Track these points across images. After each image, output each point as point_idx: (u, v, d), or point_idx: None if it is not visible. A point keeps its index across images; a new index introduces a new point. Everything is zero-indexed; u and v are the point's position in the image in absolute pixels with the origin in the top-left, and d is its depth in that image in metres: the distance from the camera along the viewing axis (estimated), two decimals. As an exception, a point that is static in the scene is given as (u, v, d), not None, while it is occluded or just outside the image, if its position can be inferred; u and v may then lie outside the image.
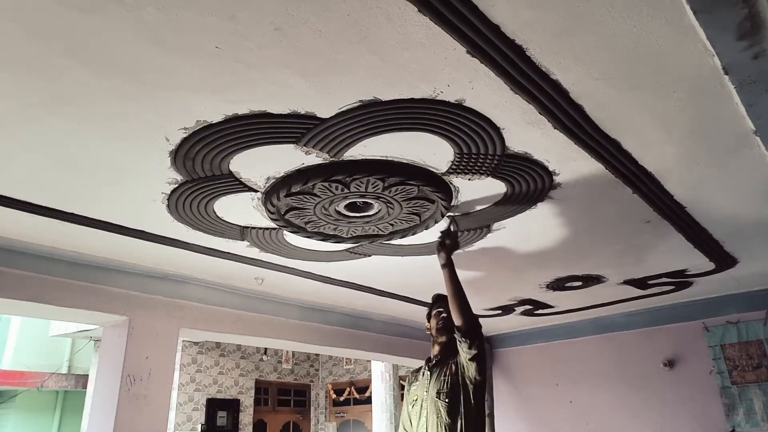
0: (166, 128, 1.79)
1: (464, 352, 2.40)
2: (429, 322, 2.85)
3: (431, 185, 2.19)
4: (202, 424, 8.14)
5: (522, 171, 2.18)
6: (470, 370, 2.44)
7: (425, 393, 2.58)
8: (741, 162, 2.22)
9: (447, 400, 2.47)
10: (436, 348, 2.73)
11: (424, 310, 2.96)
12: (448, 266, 2.51)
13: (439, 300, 2.82)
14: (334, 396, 10.15)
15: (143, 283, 3.27)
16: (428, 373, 2.64)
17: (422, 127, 1.84)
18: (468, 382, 2.46)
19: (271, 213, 2.39)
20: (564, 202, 2.50)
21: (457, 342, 2.42)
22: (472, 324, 2.40)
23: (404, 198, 2.28)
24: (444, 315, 2.71)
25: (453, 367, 2.55)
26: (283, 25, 1.36)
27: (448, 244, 2.55)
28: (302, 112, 1.73)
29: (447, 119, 1.80)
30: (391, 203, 2.33)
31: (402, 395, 8.21)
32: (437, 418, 2.45)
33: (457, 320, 2.42)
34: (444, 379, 2.54)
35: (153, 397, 3.16)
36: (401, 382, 8.43)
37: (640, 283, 4.00)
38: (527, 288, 4.02)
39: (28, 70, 1.48)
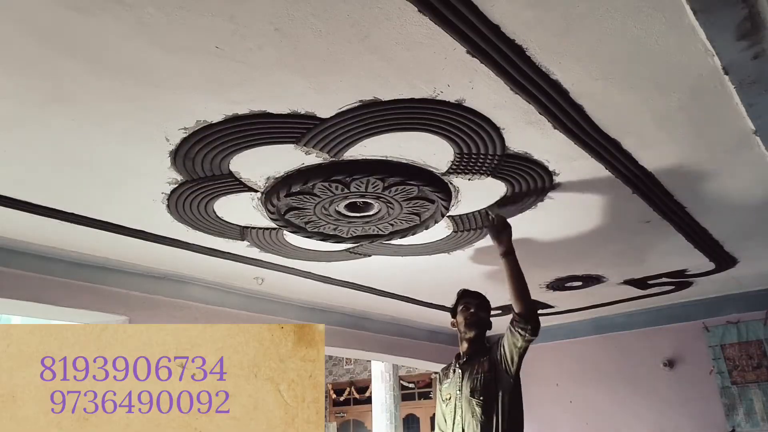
0: (166, 128, 1.79)
1: (522, 339, 2.36)
2: (455, 318, 2.78)
3: (431, 185, 2.19)
4: (202, 424, 8.13)
5: (522, 171, 2.19)
6: (516, 358, 2.42)
7: (458, 392, 2.53)
8: (741, 162, 2.22)
9: (482, 398, 2.43)
10: (465, 345, 2.67)
11: (425, 310, 2.95)
12: (512, 253, 2.46)
13: (465, 296, 2.76)
14: (334, 396, 10.16)
15: (143, 283, 3.27)
16: (459, 371, 2.59)
17: (422, 127, 1.84)
18: (507, 375, 2.44)
19: (271, 213, 2.39)
20: (564, 202, 2.50)
21: (515, 330, 2.37)
22: (535, 309, 2.40)
23: (404, 198, 2.28)
24: (472, 310, 2.66)
25: (486, 364, 2.51)
26: (283, 25, 1.36)
27: (503, 230, 2.49)
28: (302, 112, 1.73)
29: (447, 119, 1.80)
30: (391, 203, 2.33)
31: (402, 395, 8.24)
32: (472, 416, 2.43)
33: (519, 306, 2.37)
34: (477, 377, 2.50)
35: (153, 397, 3.15)
36: (401, 382, 8.45)
37: (640, 283, 4.00)
38: (527, 288, 4.02)
39: (28, 70, 1.48)
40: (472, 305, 2.68)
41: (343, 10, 1.32)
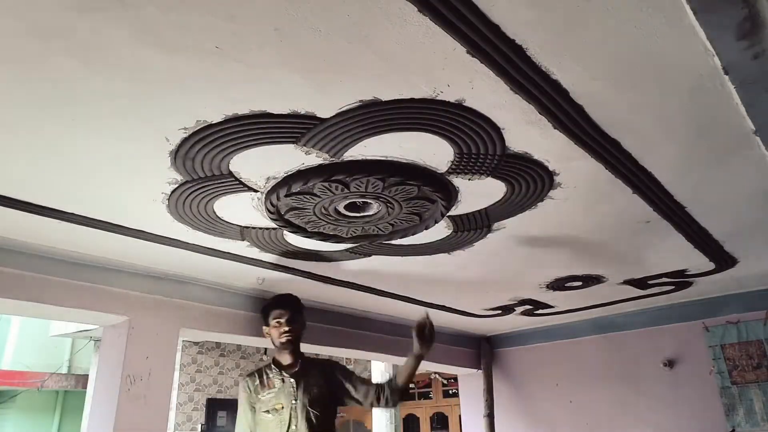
0: (166, 128, 1.79)
1: (377, 406, 2.95)
2: (267, 327, 2.99)
3: (431, 185, 2.19)
4: (202, 424, 8.14)
5: (522, 171, 2.18)
6: (352, 403, 2.97)
7: (293, 401, 2.76)
8: (741, 162, 2.22)
9: (318, 411, 2.74)
10: (287, 355, 2.91)
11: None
12: (422, 358, 2.98)
13: (276, 307, 2.96)
14: (334, 396, 10.12)
15: (143, 283, 3.27)
16: (292, 380, 2.81)
17: (422, 127, 1.84)
18: (338, 398, 2.92)
19: (271, 213, 2.39)
20: (564, 202, 2.50)
21: (381, 396, 2.90)
22: (406, 397, 2.84)
23: (404, 198, 2.28)
24: (286, 328, 2.89)
25: (320, 380, 2.86)
26: (283, 25, 1.36)
27: (428, 338, 2.95)
28: (302, 112, 1.73)
29: (447, 119, 1.80)
30: (391, 203, 2.33)
31: (402, 395, 8.24)
32: (308, 424, 2.70)
33: (402, 390, 3.01)
34: (312, 390, 2.80)
35: (153, 397, 3.15)
36: (401, 382, 8.45)
37: (640, 283, 4.00)
38: (527, 288, 4.02)
39: (27, 69, 1.48)
40: (284, 321, 2.91)
41: (343, 10, 1.32)
